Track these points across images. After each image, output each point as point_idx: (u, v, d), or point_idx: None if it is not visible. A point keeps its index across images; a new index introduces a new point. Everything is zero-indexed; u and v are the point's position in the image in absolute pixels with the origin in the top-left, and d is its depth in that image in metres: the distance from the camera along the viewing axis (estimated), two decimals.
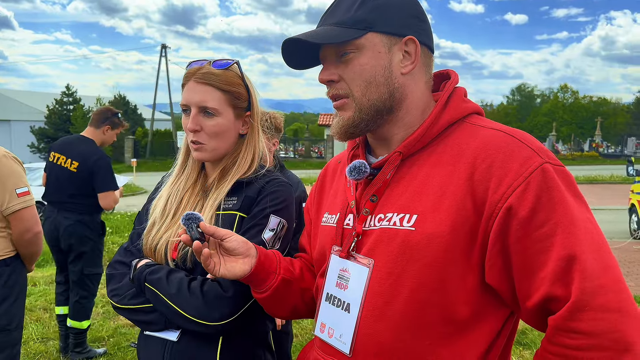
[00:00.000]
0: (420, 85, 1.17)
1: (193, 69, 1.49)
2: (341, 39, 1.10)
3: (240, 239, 1.25)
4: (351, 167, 1.17)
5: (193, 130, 1.46)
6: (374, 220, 1.13)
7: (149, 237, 1.51)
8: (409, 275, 1.05)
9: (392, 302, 1.07)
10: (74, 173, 3.95)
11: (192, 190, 1.56)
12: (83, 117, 33.92)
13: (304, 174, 22.46)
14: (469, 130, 1.12)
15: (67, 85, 36.53)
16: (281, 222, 1.47)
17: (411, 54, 1.13)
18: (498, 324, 1.08)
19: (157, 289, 1.39)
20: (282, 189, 1.51)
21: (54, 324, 4.96)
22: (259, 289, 1.30)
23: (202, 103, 1.46)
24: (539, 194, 0.97)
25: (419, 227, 1.05)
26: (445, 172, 1.07)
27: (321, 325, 1.22)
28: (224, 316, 1.36)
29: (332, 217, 1.26)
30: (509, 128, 1.10)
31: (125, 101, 41.85)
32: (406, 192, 1.10)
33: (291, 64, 1.22)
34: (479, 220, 1.01)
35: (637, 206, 10.02)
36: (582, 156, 36.21)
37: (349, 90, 1.14)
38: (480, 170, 1.03)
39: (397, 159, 1.13)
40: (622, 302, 0.92)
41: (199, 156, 1.51)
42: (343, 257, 1.17)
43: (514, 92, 74.81)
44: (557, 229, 0.96)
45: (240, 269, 1.24)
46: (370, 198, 1.15)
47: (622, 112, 60.97)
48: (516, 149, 1.03)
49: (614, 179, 21.96)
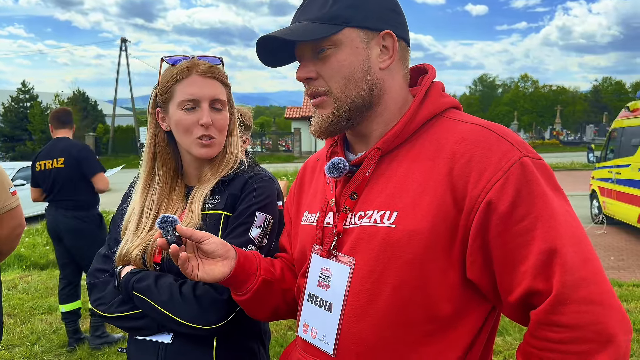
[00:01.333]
0: (397, 79, 1.15)
1: (187, 62, 1.42)
2: (318, 35, 1.07)
3: (218, 240, 1.21)
4: (330, 165, 1.15)
5: (208, 124, 1.41)
6: (354, 218, 1.11)
7: (123, 251, 1.45)
8: (391, 272, 1.03)
9: (374, 301, 1.05)
10: (62, 168, 4.26)
11: (169, 200, 1.49)
12: (41, 114, 32.88)
13: (272, 168, 22.44)
14: (447, 125, 1.10)
15: (23, 82, 35.27)
16: (267, 218, 1.44)
17: (389, 48, 1.11)
18: (480, 319, 1.07)
19: (147, 297, 1.35)
20: (266, 184, 1.48)
21: (19, 330, 4.80)
22: (239, 292, 1.26)
23: (215, 96, 1.42)
24: (518, 187, 0.97)
25: (399, 224, 1.03)
26: (425, 167, 1.06)
27: (304, 325, 1.19)
28: (220, 319, 1.33)
29: (312, 216, 1.24)
30: (487, 122, 1.09)
31: (85, 97, 40.77)
32: (386, 188, 1.08)
33: (267, 62, 1.19)
34: (459, 215, 1.00)
35: (598, 192, 10.34)
36: (543, 144, 37.15)
37: (328, 88, 1.11)
38: (460, 165, 1.02)
39: (376, 155, 1.11)
40: (604, 294, 0.93)
41: (209, 152, 1.44)
42: (324, 257, 1.15)
43: (476, 82, 76.32)
44: (537, 223, 0.95)
45: (220, 272, 1.20)
46: (350, 195, 1.13)
47: (580, 100, 62.99)
48: (495, 143, 1.02)
49: (574, 166, 22.58)
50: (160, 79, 1.47)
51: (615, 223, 9.71)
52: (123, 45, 37.94)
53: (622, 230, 9.50)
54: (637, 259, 7.58)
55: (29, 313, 5.29)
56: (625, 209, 8.86)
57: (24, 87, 34.99)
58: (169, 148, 1.50)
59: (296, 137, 35.74)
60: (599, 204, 10.30)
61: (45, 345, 4.47)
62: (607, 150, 10.14)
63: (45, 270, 7.44)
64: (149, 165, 1.51)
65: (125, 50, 38.02)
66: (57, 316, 5.18)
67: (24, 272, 7.24)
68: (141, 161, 1.52)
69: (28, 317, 5.16)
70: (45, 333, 4.73)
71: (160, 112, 1.48)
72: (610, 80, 69.76)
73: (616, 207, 9.28)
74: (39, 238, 9.36)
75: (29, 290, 6.10)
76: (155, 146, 1.50)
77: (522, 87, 67.70)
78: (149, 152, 1.51)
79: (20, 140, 33.30)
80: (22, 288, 6.18)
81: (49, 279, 6.61)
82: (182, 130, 1.42)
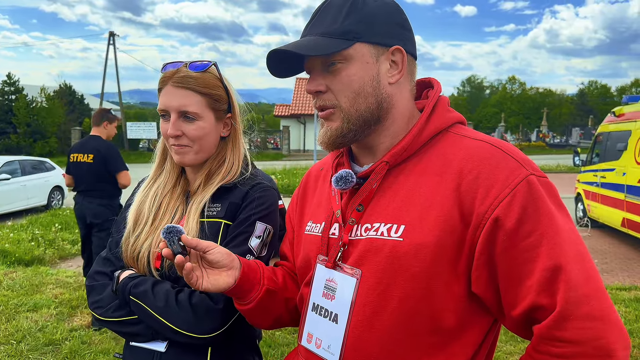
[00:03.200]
0: (405, 94, 1.17)
1: (169, 72, 1.44)
2: (330, 50, 1.08)
3: (223, 250, 1.21)
4: (337, 177, 1.16)
5: (174, 135, 1.42)
6: (360, 230, 1.12)
7: (128, 245, 1.47)
8: (397, 285, 1.05)
9: (380, 313, 1.06)
10: (92, 164, 4.98)
11: (172, 195, 1.52)
12: (26, 107, 32.43)
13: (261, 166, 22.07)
14: (453, 140, 1.12)
15: (8, 74, 34.73)
16: (267, 229, 1.45)
17: (398, 63, 1.13)
18: (482, 332, 1.10)
19: (143, 302, 1.35)
20: (267, 194, 1.48)
21: (4, 327, 4.75)
22: (243, 301, 1.27)
23: (182, 108, 1.42)
24: (525, 205, 0.99)
25: (406, 237, 1.05)
26: (433, 182, 1.07)
27: (308, 335, 1.20)
28: (215, 328, 1.34)
29: (316, 226, 1.25)
30: (493, 139, 1.11)
31: (72, 91, 40.29)
32: (393, 201, 1.10)
33: (276, 73, 1.20)
34: (465, 231, 1.02)
35: (583, 195, 10.47)
36: (529, 146, 37.52)
37: (337, 102, 1.13)
38: (467, 181, 1.03)
39: (384, 168, 1.13)
40: (604, 310, 0.95)
41: (181, 160, 1.46)
42: (329, 267, 1.16)
43: (464, 83, 76.72)
44: (542, 240, 0.98)
45: (225, 282, 1.20)
46: (356, 207, 1.14)
47: (567, 103, 63.59)
48: (502, 161, 1.04)
49: (560, 169, 22.84)
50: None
51: (600, 226, 9.84)
52: (111, 39, 37.53)
53: (606, 233, 9.64)
54: (620, 262, 7.70)
55: (14, 310, 5.23)
56: (609, 213, 8.99)
57: (9, 80, 34.47)
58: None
59: (285, 135, 35.69)
60: (583, 207, 10.43)
61: (30, 344, 4.42)
62: (592, 154, 10.27)
63: (30, 266, 7.36)
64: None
65: (113, 44, 37.63)
66: (42, 314, 5.13)
67: (8, 268, 7.15)
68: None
69: (13, 315, 5.10)
70: (31, 331, 4.68)
71: None
72: (597, 84, 70.56)
73: (600, 210, 9.40)
74: (23, 234, 9.25)
75: (13, 287, 6.02)
76: (165, 147, 1.55)
77: (509, 89, 68.20)
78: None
79: (4, 134, 32.83)
80: (6, 285, 6.10)
81: (34, 276, 6.53)
82: (164, 137, 1.48)
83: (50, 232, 9.50)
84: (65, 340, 4.52)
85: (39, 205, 13.24)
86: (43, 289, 5.98)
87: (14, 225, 10.35)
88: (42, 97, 34.28)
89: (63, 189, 14.21)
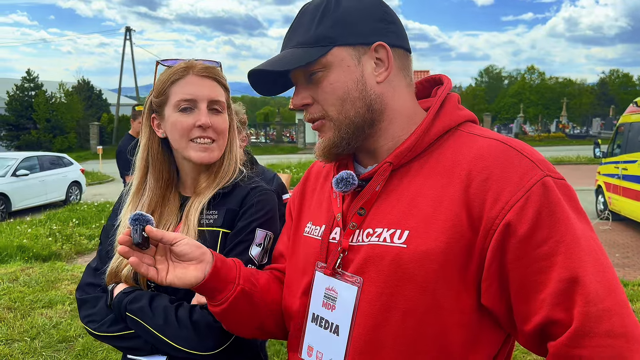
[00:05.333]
0: (400, 90, 1.09)
1: (184, 63, 1.37)
2: (305, 60, 1.02)
3: (192, 242, 1.12)
4: (338, 179, 1.09)
5: (207, 125, 1.33)
6: (362, 235, 1.05)
7: (113, 266, 1.38)
8: (401, 296, 0.97)
9: (384, 325, 0.99)
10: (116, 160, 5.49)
11: (161, 211, 1.42)
12: (45, 102, 32.86)
13: (276, 159, 22.37)
14: (463, 140, 1.04)
15: (27, 70, 35.21)
16: (268, 235, 1.37)
17: (383, 60, 1.05)
18: (494, 349, 1.01)
19: (141, 319, 1.28)
20: (265, 197, 1.40)
21: (19, 324, 4.79)
22: (214, 302, 1.17)
23: (214, 97, 1.35)
24: (539, 209, 0.90)
25: (410, 244, 0.97)
26: (439, 184, 0.99)
27: (308, 348, 1.13)
28: (218, 345, 1.27)
29: (316, 228, 1.17)
30: (506, 137, 1.02)
31: (90, 86, 40.78)
32: (397, 205, 1.02)
33: (263, 92, 1.15)
34: (475, 237, 0.94)
35: (604, 187, 10.25)
36: (549, 137, 36.95)
37: (324, 112, 1.06)
38: (476, 184, 0.95)
39: (387, 169, 1.05)
40: (627, 326, 0.87)
41: (208, 157, 1.36)
42: (328, 275, 1.09)
43: (482, 73, 75.80)
44: (558, 248, 0.89)
45: (193, 276, 1.11)
46: (357, 211, 1.06)
47: (587, 92, 62.52)
48: (515, 161, 0.96)
49: (580, 160, 22.45)
50: (155, 82, 1.41)
51: (621, 219, 9.63)
52: (128, 34, 37.80)
53: (628, 226, 9.43)
54: None
55: (29, 307, 5.27)
56: (631, 205, 8.78)
57: (28, 76, 34.95)
58: (163, 156, 1.44)
59: (300, 128, 35.64)
60: (604, 199, 10.21)
61: (44, 340, 4.44)
62: (613, 146, 10.04)
63: (47, 262, 7.44)
64: (141, 175, 1.44)
65: (130, 39, 37.89)
66: (57, 310, 5.17)
67: (25, 264, 7.24)
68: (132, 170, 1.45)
69: (28, 311, 5.15)
70: (45, 328, 4.71)
71: (155, 118, 1.42)
72: (618, 73, 69.22)
73: (622, 203, 9.19)
74: (41, 229, 9.36)
75: (30, 283, 6.08)
76: (149, 154, 1.43)
77: (528, 79, 67.18)
78: (141, 161, 1.43)
79: (25, 129, 33.33)
80: (23, 281, 6.17)
81: (50, 272, 6.60)
82: (179, 133, 1.35)
83: (67, 227, 9.61)
84: (79, 337, 4.53)
85: (58, 201, 13.41)
86: (58, 285, 6.03)
87: (32, 220, 10.49)
88: (61, 93, 34.71)
89: (81, 184, 14.37)
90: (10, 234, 8.89)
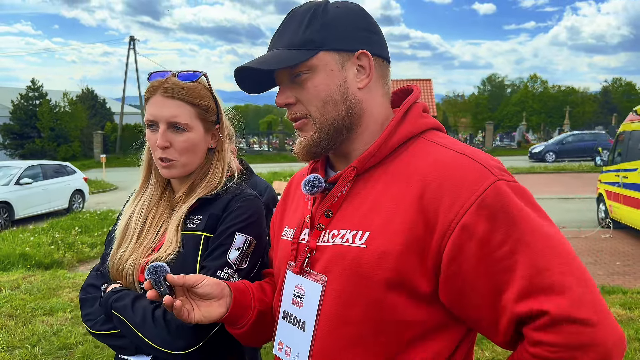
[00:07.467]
0: (377, 98, 1.15)
1: (157, 81, 1.42)
2: (291, 62, 1.07)
3: (212, 281, 1.19)
4: (305, 182, 1.15)
5: (163, 147, 1.40)
6: (327, 236, 1.11)
7: (114, 261, 1.46)
8: (361, 293, 1.03)
9: (345, 321, 1.04)
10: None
11: (157, 209, 1.50)
12: (50, 111, 33.04)
13: (279, 167, 22.38)
14: (423, 147, 1.10)
15: (32, 80, 35.44)
16: (247, 240, 1.41)
17: (365, 67, 1.11)
18: (453, 343, 1.05)
19: (124, 317, 1.34)
20: (248, 203, 1.45)
21: (20, 331, 4.82)
22: (235, 326, 1.25)
23: (172, 119, 1.39)
24: (493, 211, 0.95)
25: (370, 244, 1.02)
26: (398, 189, 1.04)
27: (279, 343, 1.19)
28: (189, 345, 1.31)
29: (290, 231, 1.24)
30: (464, 147, 1.07)
31: (94, 95, 41.00)
32: (361, 208, 1.08)
33: (247, 90, 1.20)
34: (430, 240, 0.98)
35: (605, 195, 10.25)
36: None
37: (307, 112, 1.12)
38: (431, 189, 1.00)
39: (351, 174, 1.11)
40: (598, 313, 0.90)
41: (168, 174, 1.45)
42: (296, 273, 1.15)
43: (485, 82, 75.75)
44: (518, 246, 0.93)
45: (217, 312, 1.19)
46: (324, 213, 1.13)
47: (590, 101, 62.42)
48: (468, 167, 1.00)
49: (582, 168, 22.43)
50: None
51: (622, 227, 9.62)
52: (132, 43, 38.09)
53: (628, 234, 9.42)
54: None
55: (31, 314, 5.31)
56: (632, 213, 8.77)
57: (33, 85, 35.20)
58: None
59: None
60: (605, 207, 10.21)
61: (45, 347, 4.48)
62: (614, 154, 10.05)
63: (49, 270, 7.49)
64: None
65: (134, 48, 38.18)
66: (58, 317, 5.20)
67: (27, 271, 7.29)
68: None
69: (29, 319, 5.19)
70: (46, 335, 4.74)
71: None
72: (621, 81, 69.14)
73: (623, 211, 9.19)
74: (44, 237, 9.41)
75: (31, 290, 6.13)
76: (150, 157, 1.52)
77: (531, 87, 67.15)
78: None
79: (29, 138, 33.51)
80: (24, 288, 6.21)
81: (51, 279, 6.64)
82: (151, 148, 1.45)
83: (70, 235, 9.67)
84: (79, 344, 4.56)
85: (60, 209, 13.48)
86: (60, 293, 6.07)
87: (35, 228, 10.55)
88: (65, 102, 34.91)
89: (84, 192, 14.45)
90: (13, 242, 8.94)
